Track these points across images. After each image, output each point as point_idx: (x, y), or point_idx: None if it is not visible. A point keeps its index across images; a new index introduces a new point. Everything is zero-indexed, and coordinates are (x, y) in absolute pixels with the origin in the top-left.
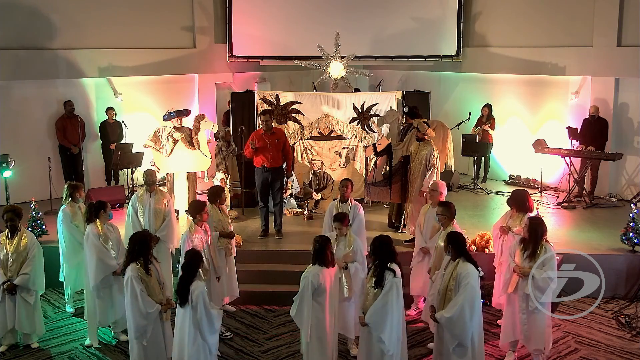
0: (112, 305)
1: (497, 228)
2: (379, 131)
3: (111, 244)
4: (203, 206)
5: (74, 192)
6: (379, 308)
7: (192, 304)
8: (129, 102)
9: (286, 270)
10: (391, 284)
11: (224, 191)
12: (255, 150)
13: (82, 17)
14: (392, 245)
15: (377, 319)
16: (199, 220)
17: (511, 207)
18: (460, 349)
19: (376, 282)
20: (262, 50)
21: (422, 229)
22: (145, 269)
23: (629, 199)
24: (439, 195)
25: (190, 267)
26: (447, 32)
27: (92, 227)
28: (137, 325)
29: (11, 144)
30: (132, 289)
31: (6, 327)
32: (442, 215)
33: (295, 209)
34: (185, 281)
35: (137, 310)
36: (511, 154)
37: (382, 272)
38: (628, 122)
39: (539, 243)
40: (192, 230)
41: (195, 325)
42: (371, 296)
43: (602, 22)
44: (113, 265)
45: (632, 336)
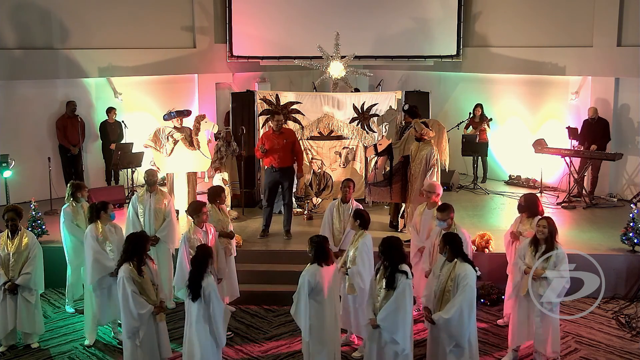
0: (109, 304)
1: (508, 235)
2: (379, 131)
3: (111, 245)
4: (202, 206)
5: (77, 192)
6: (393, 310)
7: (204, 299)
8: (129, 102)
9: (286, 270)
10: (404, 286)
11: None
12: (265, 152)
13: (82, 17)
14: (402, 247)
15: (391, 321)
16: (198, 220)
17: (521, 213)
18: (457, 350)
19: (387, 283)
20: (262, 50)
21: (419, 229)
22: (138, 270)
23: (629, 199)
24: (435, 196)
25: (200, 261)
26: (447, 32)
27: (92, 228)
28: (129, 326)
29: (11, 144)
30: (124, 289)
31: (7, 328)
32: (443, 219)
33: (295, 209)
34: (196, 276)
35: (128, 311)
36: (511, 154)
37: (393, 274)
38: (628, 122)
39: (552, 243)
40: (192, 231)
41: (206, 319)
42: (382, 297)
43: (602, 22)
44: (110, 267)
45: (632, 336)
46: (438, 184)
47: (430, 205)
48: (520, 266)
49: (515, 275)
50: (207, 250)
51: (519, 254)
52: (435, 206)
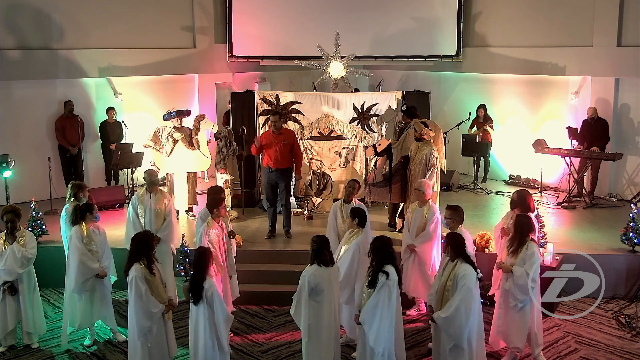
0: (92, 307)
1: (498, 229)
2: (378, 131)
3: (95, 246)
4: (221, 201)
5: (78, 192)
6: (370, 308)
7: (206, 302)
8: (129, 102)
9: (286, 270)
10: (382, 285)
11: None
12: (260, 148)
13: (82, 17)
14: (391, 247)
15: (367, 318)
16: (216, 215)
17: (513, 208)
18: (456, 350)
19: (370, 282)
20: (262, 50)
21: (410, 227)
22: (149, 268)
23: (629, 199)
24: (423, 195)
25: (200, 264)
26: (447, 32)
27: (77, 229)
28: (140, 327)
29: (11, 144)
30: (137, 289)
31: (7, 328)
32: (451, 218)
33: (295, 209)
34: (198, 279)
35: (142, 311)
36: (511, 154)
37: (377, 274)
38: (628, 122)
39: (524, 240)
40: (210, 225)
41: (210, 322)
42: (366, 296)
43: (602, 22)
44: (95, 268)
45: (632, 336)
46: (428, 182)
47: (421, 203)
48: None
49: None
50: (205, 252)
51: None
52: (426, 204)
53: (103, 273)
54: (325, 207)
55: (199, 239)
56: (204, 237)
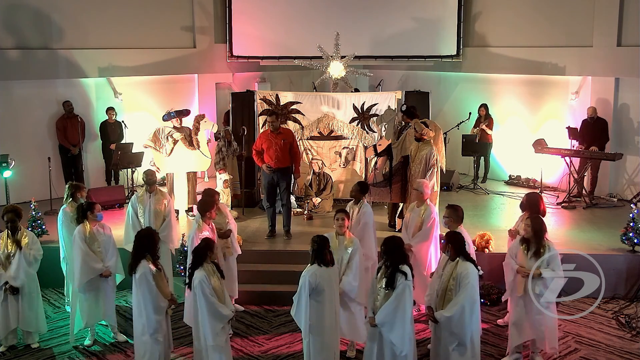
0: (97, 306)
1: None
2: (379, 131)
3: (99, 246)
4: (212, 203)
5: (76, 192)
6: (391, 310)
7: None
8: (129, 102)
9: (286, 270)
10: (404, 287)
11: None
12: (260, 153)
13: (82, 17)
14: (404, 247)
15: (389, 321)
16: (207, 217)
17: (523, 211)
18: (459, 348)
19: (387, 283)
20: (262, 50)
21: (407, 227)
22: (155, 264)
23: (629, 199)
24: (422, 194)
25: (199, 252)
26: (447, 32)
27: (80, 229)
28: (151, 322)
29: (11, 144)
30: (148, 284)
31: (8, 327)
32: (449, 217)
33: (295, 209)
34: (192, 266)
35: (152, 306)
36: (511, 154)
37: (394, 274)
38: (628, 122)
39: (542, 241)
40: (200, 227)
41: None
42: (382, 297)
43: (602, 22)
44: (98, 268)
45: (632, 336)
46: (427, 182)
47: (418, 203)
48: (512, 266)
49: (508, 275)
50: (209, 243)
51: (510, 253)
52: (424, 204)
53: (107, 273)
54: (325, 207)
55: (190, 242)
56: (194, 239)
